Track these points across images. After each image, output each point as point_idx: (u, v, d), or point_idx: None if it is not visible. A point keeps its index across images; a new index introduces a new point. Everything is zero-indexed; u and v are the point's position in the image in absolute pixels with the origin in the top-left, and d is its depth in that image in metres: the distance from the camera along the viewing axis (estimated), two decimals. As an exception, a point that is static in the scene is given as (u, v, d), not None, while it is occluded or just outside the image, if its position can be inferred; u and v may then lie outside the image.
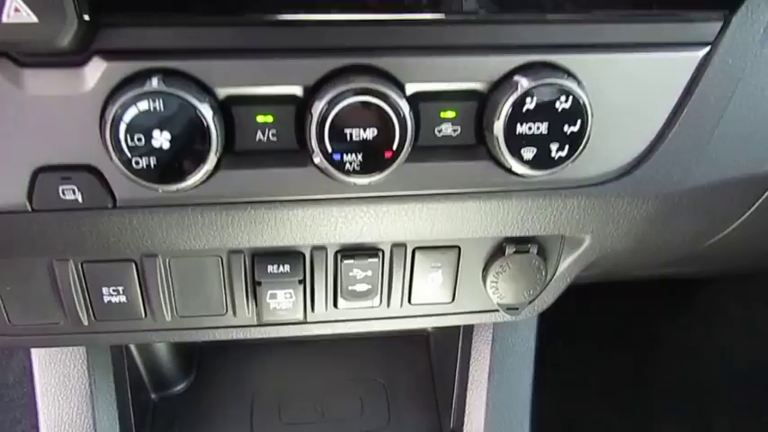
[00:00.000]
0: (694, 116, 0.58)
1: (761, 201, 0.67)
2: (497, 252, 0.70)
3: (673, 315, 1.71)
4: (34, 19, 0.44)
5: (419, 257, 0.69)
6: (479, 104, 0.55)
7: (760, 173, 0.64)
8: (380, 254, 0.68)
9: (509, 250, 0.69)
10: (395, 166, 0.53)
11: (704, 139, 0.60)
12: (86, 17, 0.45)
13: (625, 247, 0.71)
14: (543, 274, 0.71)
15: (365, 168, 0.52)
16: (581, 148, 0.55)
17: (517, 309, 0.74)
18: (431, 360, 1.08)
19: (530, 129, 0.53)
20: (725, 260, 0.94)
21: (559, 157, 0.55)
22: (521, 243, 0.69)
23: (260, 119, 0.52)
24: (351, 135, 0.51)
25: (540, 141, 0.54)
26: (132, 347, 0.98)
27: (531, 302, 0.74)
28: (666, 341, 1.69)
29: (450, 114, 0.55)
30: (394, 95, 0.51)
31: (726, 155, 0.62)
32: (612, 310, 1.68)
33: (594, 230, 0.66)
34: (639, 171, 0.60)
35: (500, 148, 0.54)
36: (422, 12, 0.50)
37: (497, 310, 0.75)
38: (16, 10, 0.43)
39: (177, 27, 0.49)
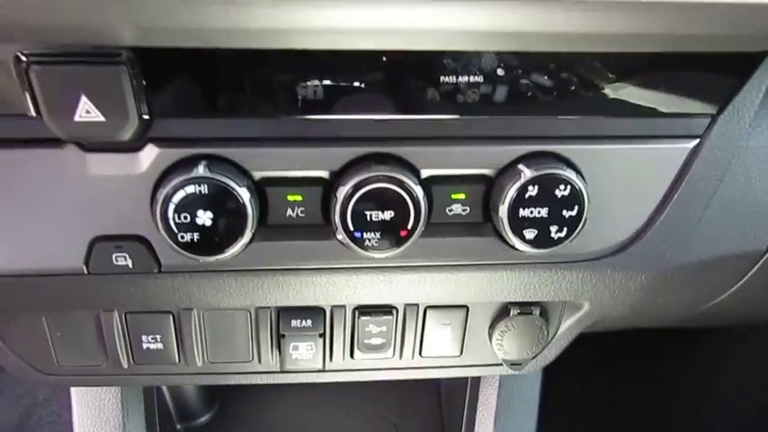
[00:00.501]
0: (685, 201, 0.64)
1: (750, 274, 0.72)
2: (503, 312, 0.76)
3: (682, 352, 1.73)
4: (102, 118, 0.51)
5: (430, 315, 0.75)
6: (487, 187, 0.61)
7: (747, 251, 0.69)
8: (395, 311, 0.74)
9: (513, 311, 0.75)
10: (409, 243, 0.59)
11: (694, 221, 0.65)
12: (146, 116, 0.52)
13: (622, 313, 0.76)
14: (545, 333, 0.77)
15: (382, 245, 0.59)
16: (578, 230, 0.60)
17: (521, 364, 0.79)
18: (440, 403, 1.14)
19: (531, 213, 0.59)
20: (724, 318, 0.98)
21: (558, 238, 0.60)
22: (524, 305, 0.74)
23: (290, 198, 0.59)
24: (370, 216, 0.57)
25: (540, 224, 0.60)
26: (162, 382, 1.05)
27: (533, 358, 0.80)
28: (676, 379, 1.71)
29: (460, 196, 0.61)
30: (409, 182, 0.57)
31: (715, 235, 0.67)
32: (621, 346, 1.71)
33: (592, 298, 0.72)
34: (633, 248, 0.65)
35: (504, 229, 0.60)
36: (435, 110, 0.57)
37: (502, 364, 0.80)
38: (87, 111, 0.51)
39: (220, 120, 0.56)
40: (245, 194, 0.56)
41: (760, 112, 0.63)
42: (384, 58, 0.53)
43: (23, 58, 0.49)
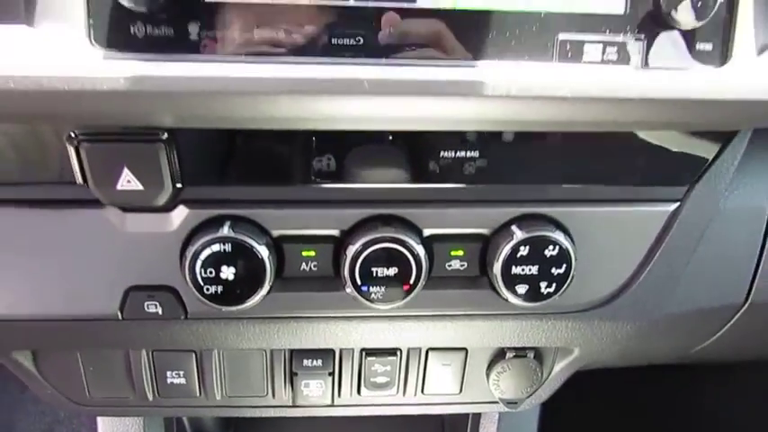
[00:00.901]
0: (666, 258, 0.69)
1: (730, 324, 0.77)
2: (499, 355, 0.81)
3: (683, 382, 1.75)
4: (140, 187, 0.58)
5: (432, 356, 0.81)
6: (483, 245, 0.67)
7: (726, 304, 0.74)
8: (399, 353, 0.80)
9: (509, 354, 0.80)
10: (412, 296, 0.65)
11: (675, 277, 0.71)
12: (178, 185, 0.59)
13: (612, 356, 0.81)
14: (540, 374, 0.82)
15: (387, 297, 0.65)
16: (566, 286, 0.66)
17: (516, 403, 0.85)
18: (444, 433, 1.19)
19: (523, 270, 0.65)
20: (715, 358, 1.03)
21: (548, 293, 0.66)
22: (519, 349, 0.80)
23: (305, 253, 0.66)
24: (376, 272, 0.64)
25: (531, 280, 0.65)
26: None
27: (529, 397, 0.85)
28: (678, 408, 1.74)
29: (458, 253, 0.67)
30: (412, 242, 0.63)
31: (695, 289, 0.72)
32: (622, 377, 1.74)
33: (582, 345, 0.77)
34: (618, 301, 0.71)
35: (498, 284, 0.66)
36: (435, 179, 0.63)
37: (499, 402, 0.86)
38: (128, 181, 0.58)
39: (244, 186, 0.63)
40: (264, 252, 0.62)
41: (735, 178, 0.68)
42: (390, 137, 0.60)
43: (75, 137, 0.56)
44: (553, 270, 0.66)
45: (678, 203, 0.68)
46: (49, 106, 0.51)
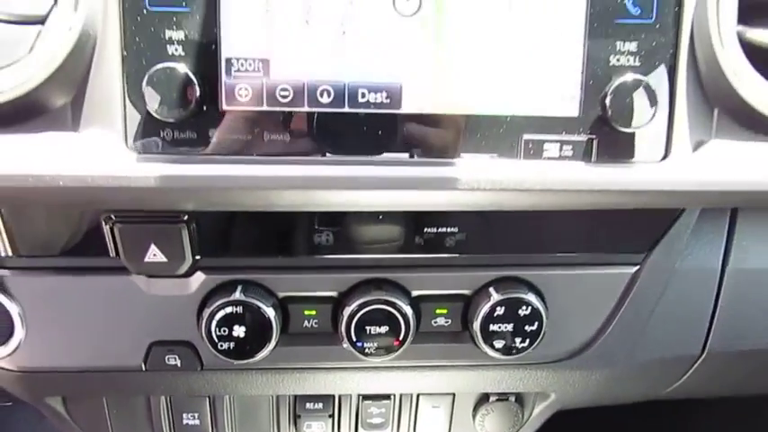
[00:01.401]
0: (629, 315, 0.78)
1: (690, 372, 0.85)
2: (483, 398, 0.89)
3: (672, 410, 1.80)
4: (165, 259, 0.67)
5: (422, 400, 0.89)
6: (465, 304, 0.75)
7: (685, 354, 0.82)
8: (393, 397, 0.89)
9: (492, 398, 0.89)
10: (402, 350, 0.74)
11: (638, 331, 0.79)
12: (197, 257, 0.68)
13: (587, 399, 0.89)
14: (521, 416, 0.90)
15: (380, 352, 0.73)
16: (538, 341, 0.74)
17: (501, 441, 0.93)
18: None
19: (499, 327, 0.74)
20: (687, 396, 1.10)
21: (522, 347, 0.74)
22: (502, 393, 0.88)
23: (307, 312, 0.74)
24: (370, 330, 0.72)
25: (507, 336, 0.74)
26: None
27: (512, 436, 0.93)
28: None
29: (443, 311, 0.75)
30: (401, 303, 0.72)
31: (657, 341, 0.81)
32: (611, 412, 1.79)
33: (558, 390, 0.85)
34: (587, 353, 0.79)
35: (478, 339, 0.74)
36: (422, 250, 0.72)
37: (485, 440, 0.94)
38: (154, 255, 0.67)
39: (253, 256, 0.71)
40: (271, 312, 0.71)
41: (689, 243, 0.77)
42: (380, 215, 0.69)
43: (110, 218, 0.65)
44: (526, 327, 0.74)
45: (638, 266, 0.76)
46: (91, 197, 0.60)
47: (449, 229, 0.70)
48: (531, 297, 0.73)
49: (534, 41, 0.60)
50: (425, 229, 0.70)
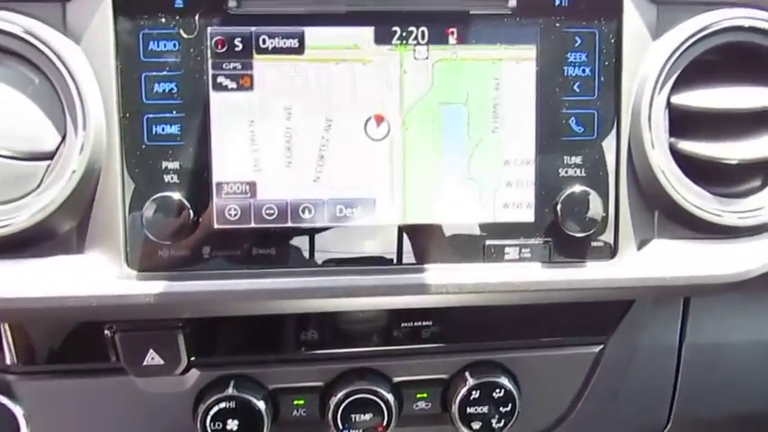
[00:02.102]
0: (597, 390, 0.84)
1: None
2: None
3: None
4: (162, 362, 0.72)
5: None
6: (443, 388, 0.81)
7: (653, 426, 0.87)
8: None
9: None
10: (386, 434, 0.79)
11: (607, 405, 0.85)
12: (192, 358, 0.73)
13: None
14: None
15: (365, 437, 0.78)
16: (513, 420, 0.80)
17: None
18: None
19: (476, 409, 0.79)
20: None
21: (498, 428, 0.80)
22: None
23: (295, 402, 0.79)
24: (355, 418, 0.77)
25: (483, 417, 0.79)
26: None
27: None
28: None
29: (423, 395, 0.81)
30: (383, 391, 0.77)
31: (625, 415, 0.86)
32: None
33: (535, 461, 0.90)
34: (560, 429, 0.84)
35: (456, 421, 0.79)
36: (401, 342, 0.77)
37: None
38: (152, 358, 0.72)
39: (244, 354, 0.77)
40: (262, 405, 0.76)
41: (648, 321, 0.83)
42: (360, 313, 0.75)
43: (111, 328, 0.70)
44: (501, 408, 0.79)
45: (602, 345, 0.82)
46: (94, 313, 0.66)
47: (424, 323, 0.77)
48: (504, 380, 0.79)
49: (492, 157, 0.67)
50: (402, 324, 0.76)
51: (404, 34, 0.66)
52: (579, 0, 0.66)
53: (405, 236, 0.68)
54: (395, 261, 0.68)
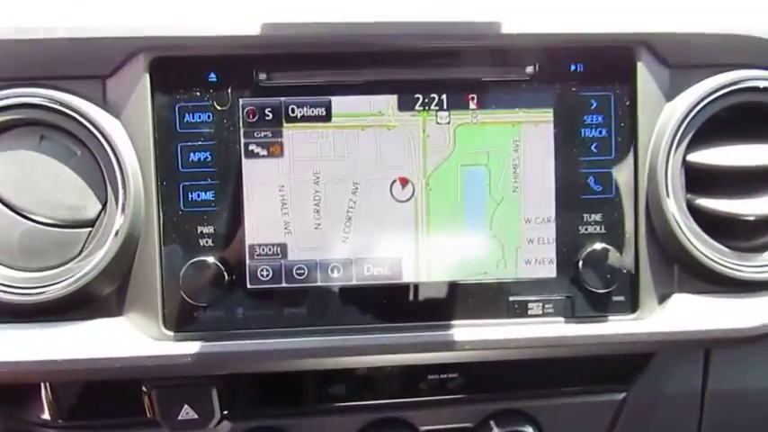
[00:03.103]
0: (622, 436, 0.84)
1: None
2: None
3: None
4: (196, 416, 0.74)
5: None
6: (470, 435, 0.82)
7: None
8: None
9: None
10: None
11: (631, 454, 0.85)
12: (226, 412, 0.76)
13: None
14: None
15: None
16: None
17: None
18: None
19: (503, 464, 0.80)
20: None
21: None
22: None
23: (322, 455, 0.81)
24: (383, 474, 0.79)
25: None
26: None
27: None
28: None
29: (449, 444, 0.82)
30: (411, 444, 0.79)
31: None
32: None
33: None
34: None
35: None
36: (426, 393, 0.79)
37: None
38: (187, 413, 0.74)
39: (275, 406, 0.79)
40: (290, 458, 0.78)
41: (670, 370, 0.84)
42: (388, 368, 0.77)
43: (150, 385, 0.73)
44: (531, 463, 0.81)
45: (625, 393, 0.83)
46: (133, 373, 0.68)
47: (449, 375, 0.78)
48: (528, 429, 0.80)
49: (513, 215, 0.70)
50: (428, 376, 0.78)
51: (426, 101, 0.69)
52: (593, 65, 0.69)
53: (430, 293, 0.70)
54: (422, 318, 0.70)
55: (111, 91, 0.67)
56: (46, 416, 0.77)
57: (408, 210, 0.70)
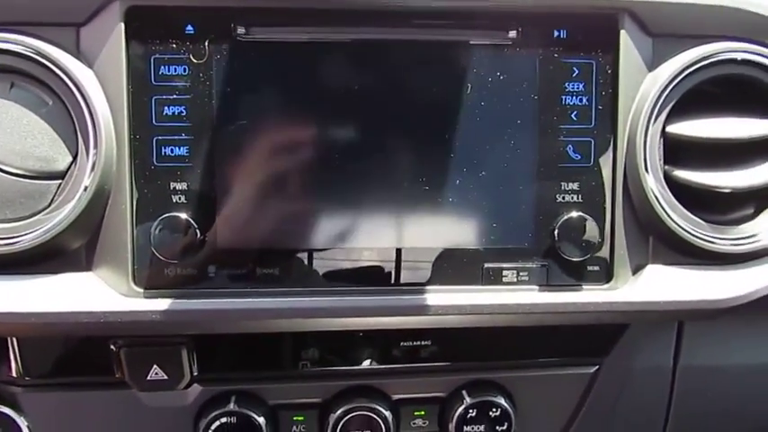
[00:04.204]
0: (592, 411, 0.85)
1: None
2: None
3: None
4: (165, 377, 0.74)
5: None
6: (441, 406, 0.82)
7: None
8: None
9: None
10: (384, 453, 0.80)
11: (601, 427, 0.86)
12: (196, 374, 0.75)
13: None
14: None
15: (363, 456, 0.80)
16: (508, 439, 0.81)
17: None
18: None
19: (472, 428, 0.80)
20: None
21: (494, 447, 0.81)
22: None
23: (295, 418, 0.81)
24: (354, 434, 0.79)
25: (480, 436, 0.81)
26: None
27: None
28: None
29: (420, 413, 0.82)
30: (381, 408, 0.78)
31: (620, 434, 0.87)
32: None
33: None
34: (553, 452, 0.86)
35: (454, 441, 0.81)
36: (398, 360, 0.79)
37: None
38: (156, 373, 0.73)
39: (247, 370, 0.78)
40: (262, 421, 0.77)
41: (643, 344, 0.85)
42: (360, 333, 0.77)
43: (117, 343, 0.72)
44: (497, 427, 0.80)
45: (597, 366, 0.84)
46: (102, 329, 0.67)
47: (422, 342, 0.78)
48: (500, 399, 0.80)
49: (492, 183, 0.69)
50: (401, 343, 0.78)
51: (407, 62, 0.68)
52: (577, 32, 0.68)
53: (404, 258, 0.69)
54: (394, 282, 0.69)
55: (84, 40, 0.65)
56: (12, 373, 0.75)
57: (385, 172, 0.69)
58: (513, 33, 0.68)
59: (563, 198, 0.70)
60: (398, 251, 0.69)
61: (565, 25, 0.69)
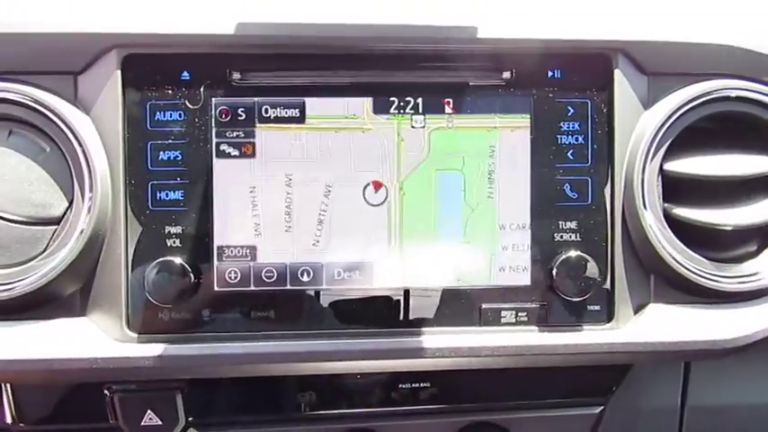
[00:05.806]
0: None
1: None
2: None
3: None
4: (159, 422, 0.73)
5: None
6: (444, 447, 0.80)
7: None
8: None
9: None
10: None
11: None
12: (191, 419, 0.74)
13: None
14: None
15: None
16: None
17: None
18: None
19: (476, 473, 0.78)
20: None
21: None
22: None
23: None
24: (353, 481, 0.77)
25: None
26: None
27: None
28: None
29: (422, 456, 0.80)
30: (383, 454, 0.77)
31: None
32: None
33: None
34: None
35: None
36: (397, 404, 0.78)
37: None
38: (150, 419, 0.72)
39: (242, 414, 0.77)
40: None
41: (649, 384, 0.83)
42: (358, 375, 0.76)
43: (111, 388, 0.71)
44: (504, 474, 0.79)
45: (602, 407, 0.82)
46: (96, 375, 0.66)
47: (422, 384, 0.77)
48: (503, 446, 0.78)
49: (487, 222, 0.69)
50: (400, 385, 0.77)
51: (401, 104, 0.68)
52: (571, 72, 0.69)
53: (402, 299, 0.69)
54: (392, 325, 0.68)
55: (82, 87, 0.66)
56: (7, 419, 0.75)
57: (381, 214, 0.68)
58: (506, 74, 0.68)
59: (561, 237, 0.69)
60: (395, 292, 0.68)
61: (559, 65, 0.69)
